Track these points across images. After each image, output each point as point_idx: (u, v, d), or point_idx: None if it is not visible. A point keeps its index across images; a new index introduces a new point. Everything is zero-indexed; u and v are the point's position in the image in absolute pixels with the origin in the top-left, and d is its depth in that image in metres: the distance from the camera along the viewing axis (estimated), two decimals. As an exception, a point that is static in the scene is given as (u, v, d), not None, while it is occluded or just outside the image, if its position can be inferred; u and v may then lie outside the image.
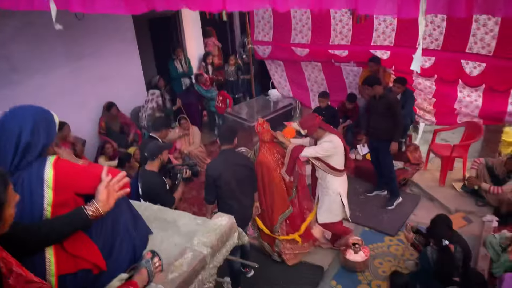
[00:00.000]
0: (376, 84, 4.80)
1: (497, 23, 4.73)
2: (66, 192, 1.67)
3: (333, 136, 3.94)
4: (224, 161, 3.67)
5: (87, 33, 5.92)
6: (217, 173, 3.57)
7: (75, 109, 5.91)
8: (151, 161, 3.65)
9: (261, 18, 6.85)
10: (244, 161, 3.80)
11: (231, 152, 3.77)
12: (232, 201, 3.64)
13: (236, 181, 3.65)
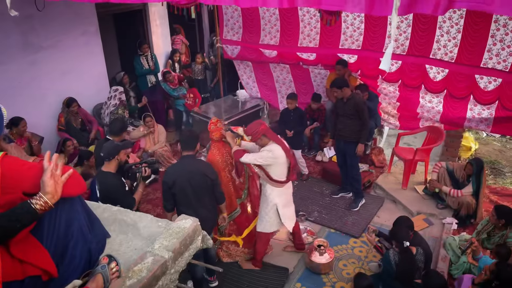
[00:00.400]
0: (345, 86, 4.84)
1: (459, 30, 4.88)
2: (12, 192, 1.53)
3: (275, 146, 3.81)
4: (181, 168, 3.55)
5: (48, 24, 5.64)
6: (171, 180, 3.45)
7: (32, 104, 5.61)
8: (108, 162, 3.49)
9: (230, 17, 6.77)
10: (204, 170, 3.55)
11: (190, 159, 3.61)
12: (189, 210, 3.40)
13: (192, 189, 3.49)
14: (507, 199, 5.40)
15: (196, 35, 9.33)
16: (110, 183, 3.39)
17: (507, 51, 4.58)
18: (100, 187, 3.39)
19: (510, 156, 7.24)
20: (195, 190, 3.50)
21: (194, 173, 3.50)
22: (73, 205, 1.69)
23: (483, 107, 5.15)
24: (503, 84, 4.81)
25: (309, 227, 5.03)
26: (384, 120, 6.33)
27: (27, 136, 5.11)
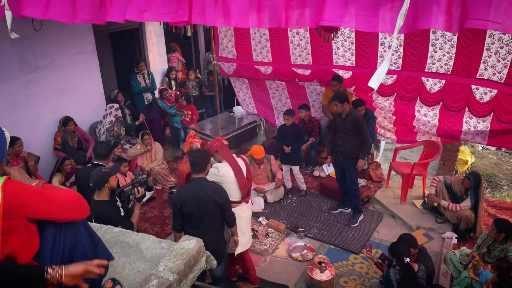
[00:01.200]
0: (346, 102, 4.86)
1: (453, 46, 4.96)
2: (16, 217, 1.50)
3: (223, 165, 3.85)
4: (190, 190, 3.48)
5: (44, 44, 5.65)
6: (179, 202, 3.43)
7: (28, 123, 5.59)
8: (99, 191, 3.39)
9: (224, 36, 6.83)
10: (213, 194, 3.44)
11: (200, 182, 3.50)
12: (195, 231, 3.38)
13: (200, 213, 3.45)
14: (505, 212, 5.41)
15: (192, 52, 9.39)
16: (105, 214, 3.31)
17: (502, 63, 4.68)
18: (96, 217, 3.31)
19: (506, 169, 7.29)
20: (202, 214, 3.46)
21: (203, 197, 3.43)
22: (77, 228, 1.67)
23: (479, 119, 5.21)
24: (498, 95, 4.88)
25: (309, 243, 4.99)
26: (380, 134, 6.37)
27: (23, 156, 5.06)
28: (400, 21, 1.66)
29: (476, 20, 1.67)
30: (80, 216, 1.70)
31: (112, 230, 2.28)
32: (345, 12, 1.94)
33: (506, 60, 4.65)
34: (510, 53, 4.59)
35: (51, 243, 1.59)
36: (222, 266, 3.77)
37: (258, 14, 2.24)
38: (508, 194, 6.41)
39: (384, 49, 5.47)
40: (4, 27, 4.65)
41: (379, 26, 1.84)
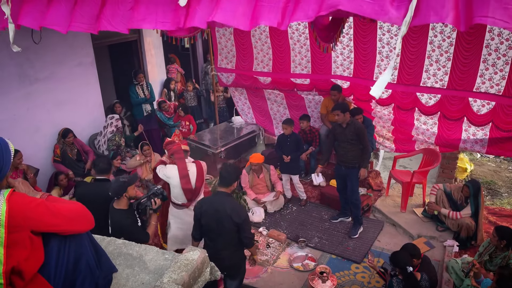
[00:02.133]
0: (347, 111, 4.90)
1: (449, 58, 4.97)
2: (20, 230, 1.50)
3: (172, 166, 4.01)
4: (209, 203, 3.47)
5: (43, 55, 5.66)
6: (199, 212, 3.48)
7: (28, 135, 5.57)
8: (117, 200, 3.42)
9: (224, 46, 6.88)
10: (230, 212, 3.39)
11: (221, 197, 3.48)
12: (212, 244, 3.48)
13: (216, 227, 3.45)
14: (506, 220, 5.41)
15: (191, 63, 9.44)
16: (123, 223, 3.34)
17: (500, 75, 4.64)
18: (112, 224, 3.34)
19: (505, 176, 7.31)
20: (220, 228, 3.45)
21: (220, 213, 3.41)
22: (81, 240, 1.67)
23: (478, 128, 5.22)
24: (496, 106, 4.88)
25: (310, 253, 4.97)
26: (379, 143, 6.38)
27: (22, 168, 5.04)
28: (404, 28, 1.67)
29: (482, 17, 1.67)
30: (85, 228, 1.69)
31: (115, 242, 2.27)
32: None
33: (504, 71, 4.60)
34: (507, 64, 4.56)
35: (55, 255, 1.58)
36: (238, 281, 3.75)
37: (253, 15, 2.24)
38: (508, 201, 6.42)
39: (381, 58, 5.50)
40: (3, 39, 4.67)
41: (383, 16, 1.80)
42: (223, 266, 3.37)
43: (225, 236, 3.47)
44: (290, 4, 2.10)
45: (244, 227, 3.48)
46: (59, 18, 2.78)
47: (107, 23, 2.64)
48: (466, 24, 1.68)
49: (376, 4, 1.77)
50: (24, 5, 2.86)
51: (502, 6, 1.64)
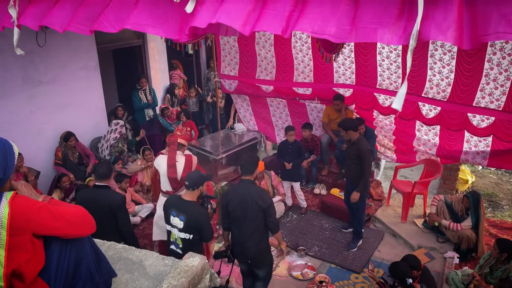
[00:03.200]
0: (351, 130, 4.69)
1: (451, 70, 4.97)
2: (22, 233, 1.50)
3: (163, 157, 4.36)
4: (235, 191, 3.63)
5: (47, 59, 5.70)
6: (226, 200, 3.60)
7: (30, 138, 5.59)
8: (191, 191, 3.49)
9: (227, 53, 6.91)
10: (256, 198, 3.51)
11: (246, 183, 3.63)
12: (239, 232, 3.61)
13: (243, 214, 3.56)
14: (507, 232, 5.38)
15: (194, 70, 9.48)
16: (199, 212, 3.47)
17: (501, 90, 4.61)
18: (189, 216, 3.41)
19: (506, 189, 7.28)
20: (246, 215, 3.56)
21: (246, 199, 3.53)
22: (82, 244, 1.66)
23: (479, 138, 5.20)
24: (496, 121, 4.86)
25: (310, 262, 4.95)
26: (380, 153, 6.38)
27: (23, 171, 5.05)
28: (412, 42, 1.68)
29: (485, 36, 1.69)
30: (87, 232, 1.69)
31: (115, 246, 2.26)
32: (351, 29, 1.97)
33: (505, 87, 4.57)
34: (509, 80, 4.54)
35: (56, 259, 1.58)
36: (265, 271, 3.86)
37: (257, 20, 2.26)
38: (509, 214, 6.39)
39: (383, 70, 5.52)
40: (8, 42, 4.71)
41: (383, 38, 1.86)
42: (249, 254, 3.66)
43: (250, 223, 3.57)
44: (295, 13, 2.12)
45: (270, 212, 3.57)
46: (59, 18, 2.78)
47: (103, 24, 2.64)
48: (470, 43, 1.71)
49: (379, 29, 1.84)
50: (30, 6, 2.88)
51: (506, 19, 1.66)
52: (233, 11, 2.26)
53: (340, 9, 1.99)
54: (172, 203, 3.55)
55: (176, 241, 3.52)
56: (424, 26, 1.76)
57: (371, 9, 1.94)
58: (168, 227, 3.59)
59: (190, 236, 3.44)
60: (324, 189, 6.55)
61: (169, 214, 3.53)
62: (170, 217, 3.52)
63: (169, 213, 3.52)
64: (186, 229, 3.42)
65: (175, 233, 3.51)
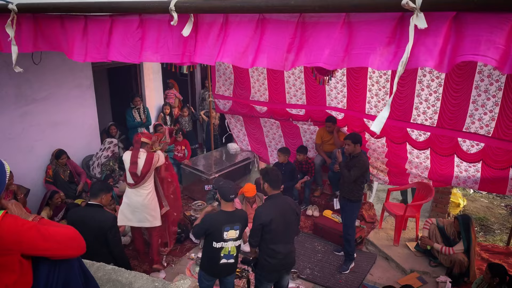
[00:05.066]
0: (358, 144, 4.80)
1: (438, 98, 5.03)
2: (11, 253, 1.47)
3: (128, 153, 4.79)
4: (275, 206, 3.67)
5: (42, 76, 5.71)
6: (269, 219, 3.57)
7: (20, 155, 5.54)
8: (231, 203, 3.70)
9: (222, 73, 6.98)
10: (294, 206, 3.77)
11: (280, 197, 3.77)
12: (277, 246, 3.65)
13: (285, 226, 3.67)
14: (498, 257, 5.38)
15: (188, 89, 9.54)
16: (243, 213, 3.83)
17: (489, 116, 4.66)
18: (240, 222, 3.69)
19: (498, 213, 7.32)
20: (287, 226, 3.70)
21: (286, 210, 3.69)
22: (71, 265, 1.63)
23: (469, 164, 5.25)
24: (486, 148, 4.91)
25: (302, 285, 4.89)
26: (373, 175, 6.40)
27: (12, 189, 4.97)
28: (400, 68, 1.73)
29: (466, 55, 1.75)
30: (76, 253, 1.66)
31: (105, 267, 2.23)
32: (344, 55, 2.02)
33: (493, 112, 4.62)
34: (497, 105, 4.61)
35: (44, 280, 1.54)
36: (288, 278, 4.11)
37: (256, 55, 2.32)
38: (500, 238, 6.40)
39: (371, 96, 5.59)
40: (2, 59, 4.71)
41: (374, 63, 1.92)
42: (292, 261, 3.87)
43: (293, 232, 3.81)
44: (294, 46, 2.18)
45: (299, 217, 3.90)
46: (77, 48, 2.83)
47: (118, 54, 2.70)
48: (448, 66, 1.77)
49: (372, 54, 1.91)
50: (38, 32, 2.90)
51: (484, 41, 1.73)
52: (235, 51, 2.34)
53: (334, 37, 2.04)
54: (223, 222, 3.63)
55: (230, 252, 3.70)
56: (413, 54, 1.81)
57: (363, 36, 2.00)
58: (218, 244, 3.65)
59: (241, 239, 3.77)
60: (317, 210, 6.52)
61: (222, 232, 3.61)
62: (224, 233, 3.61)
63: (221, 231, 3.61)
64: (240, 235, 3.71)
65: (228, 246, 3.67)
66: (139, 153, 4.76)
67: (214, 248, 3.65)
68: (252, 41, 2.31)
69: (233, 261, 3.73)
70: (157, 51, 2.59)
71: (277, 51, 2.25)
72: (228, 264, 3.72)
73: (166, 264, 5.20)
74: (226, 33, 2.39)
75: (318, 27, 2.12)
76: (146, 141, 4.89)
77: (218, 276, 3.83)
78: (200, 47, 2.45)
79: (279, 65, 2.24)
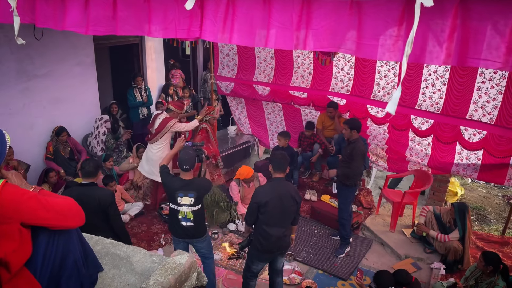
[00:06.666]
0: (355, 130, 4.75)
1: (444, 83, 5.04)
2: (11, 221, 1.49)
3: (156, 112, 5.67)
4: (273, 190, 3.70)
5: (44, 53, 5.67)
6: (264, 200, 3.61)
7: (21, 131, 5.55)
8: (189, 172, 3.80)
9: (226, 55, 6.94)
10: (293, 193, 3.75)
11: (282, 181, 3.76)
12: (270, 228, 3.68)
13: (282, 210, 3.69)
14: (493, 246, 5.43)
15: (190, 71, 9.48)
16: (202, 183, 3.93)
17: (493, 104, 4.67)
18: (196, 191, 3.77)
19: (495, 202, 7.36)
20: (284, 211, 3.70)
21: (285, 195, 3.68)
22: (70, 236, 1.65)
23: (470, 152, 5.27)
24: (488, 136, 4.92)
25: (297, 267, 4.95)
26: (372, 161, 6.42)
27: (13, 164, 5.00)
28: (408, 48, 1.72)
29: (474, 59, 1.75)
30: (76, 224, 1.68)
31: (103, 241, 2.25)
32: (351, 40, 2.00)
33: (497, 101, 4.64)
34: (500, 94, 4.60)
35: (43, 250, 1.57)
36: (283, 260, 4.13)
37: (266, 34, 2.29)
38: (496, 227, 6.46)
39: (380, 77, 5.57)
40: (3, 34, 4.67)
41: (383, 55, 1.91)
42: (285, 244, 3.90)
43: (289, 217, 3.78)
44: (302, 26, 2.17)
45: (300, 205, 3.85)
46: (77, 20, 2.81)
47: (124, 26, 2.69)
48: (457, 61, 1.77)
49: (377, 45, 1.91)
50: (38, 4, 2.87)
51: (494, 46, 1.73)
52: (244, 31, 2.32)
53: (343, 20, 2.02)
54: (176, 188, 3.79)
55: (187, 216, 3.82)
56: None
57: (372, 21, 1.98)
58: (174, 206, 3.84)
59: (199, 206, 3.84)
60: (315, 195, 6.57)
61: (176, 196, 3.78)
62: (177, 198, 3.77)
63: (176, 196, 3.78)
64: (196, 202, 3.80)
65: (184, 210, 3.79)
66: (161, 114, 5.49)
67: (172, 209, 3.88)
68: (261, 21, 2.28)
69: (193, 225, 3.84)
70: (165, 27, 2.57)
71: (286, 31, 2.22)
72: (189, 227, 3.85)
73: (164, 243, 5.25)
74: (234, 11, 2.35)
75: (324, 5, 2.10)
76: (171, 108, 5.58)
77: (184, 238, 3.95)
78: (207, 24, 2.42)
79: (289, 45, 2.22)
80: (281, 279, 4.17)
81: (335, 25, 2.05)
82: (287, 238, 3.89)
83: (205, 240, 4.04)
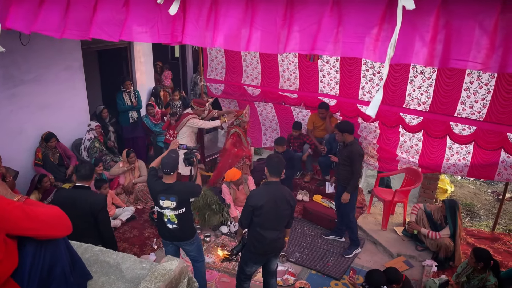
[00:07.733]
0: (347, 132, 4.76)
1: (431, 85, 5.07)
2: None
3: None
4: (268, 193, 3.70)
5: (30, 58, 5.62)
6: (259, 203, 3.62)
7: (9, 137, 5.49)
8: (171, 176, 3.77)
9: (214, 57, 6.92)
10: (288, 197, 3.75)
11: (277, 185, 3.76)
12: (265, 231, 3.69)
13: (276, 213, 3.69)
14: (483, 242, 5.49)
15: (180, 73, 9.46)
16: (184, 187, 3.85)
17: (481, 103, 4.69)
18: (177, 195, 3.73)
19: (484, 199, 7.44)
20: (279, 214, 3.71)
21: (281, 199, 3.69)
22: (57, 246, 1.64)
23: (461, 146, 5.31)
24: (478, 130, 4.98)
25: (290, 268, 4.95)
26: (363, 161, 6.44)
27: (1, 171, 4.94)
28: (390, 51, 1.73)
29: (457, 60, 1.76)
30: (62, 233, 1.67)
31: (92, 249, 2.23)
32: (334, 41, 2.01)
33: (485, 100, 4.66)
34: (489, 93, 4.63)
35: (30, 260, 1.55)
36: (277, 262, 4.13)
37: (249, 37, 2.29)
38: (486, 223, 6.52)
39: (365, 81, 5.60)
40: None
41: (364, 53, 1.93)
42: (279, 246, 3.93)
43: (283, 220, 3.79)
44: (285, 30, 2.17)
45: (294, 209, 3.87)
46: (52, 23, 2.79)
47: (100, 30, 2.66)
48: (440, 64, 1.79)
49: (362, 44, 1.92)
50: (13, 6, 2.85)
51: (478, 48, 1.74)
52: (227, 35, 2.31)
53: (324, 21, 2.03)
54: (158, 191, 3.78)
55: (170, 219, 3.81)
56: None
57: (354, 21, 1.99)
58: (158, 209, 3.85)
59: (182, 209, 3.79)
60: (307, 195, 6.58)
61: (158, 199, 3.78)
62: (160, 201, 3.77)
63: (158, 199, 3.78)
64: (179, 206, 3.76)
65: (167, 213, 3.78)
66: (186, 111, 5.89)
67: (158, 211, 3.89)
68: (243, 24, 2.28)
69: (178, 227, 3.83)
70: (145, 31, 2.55)
71: (269, 35, 2.23)
72: (175, 229, 3.85)
73: (156, 247, 5.22)
74: (216, 15, 2.35)
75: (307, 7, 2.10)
76: (194, 106, 5.90)
77: (171, 240, 3.96)
78: (189, 28, 2.42)
79: (273, 48, 2.22)
80: (275, 280, 4.17)
81: (317, 27, 2.06)
82: (281, 241, 3.91)
83: (194, 243, 4.02)
